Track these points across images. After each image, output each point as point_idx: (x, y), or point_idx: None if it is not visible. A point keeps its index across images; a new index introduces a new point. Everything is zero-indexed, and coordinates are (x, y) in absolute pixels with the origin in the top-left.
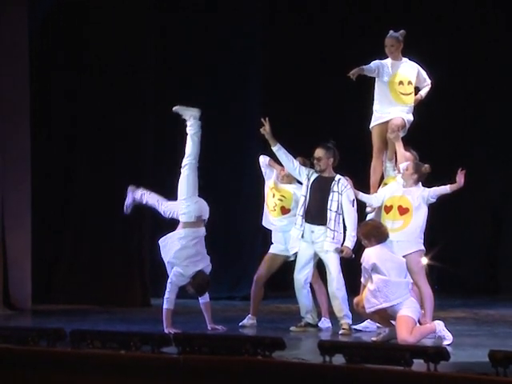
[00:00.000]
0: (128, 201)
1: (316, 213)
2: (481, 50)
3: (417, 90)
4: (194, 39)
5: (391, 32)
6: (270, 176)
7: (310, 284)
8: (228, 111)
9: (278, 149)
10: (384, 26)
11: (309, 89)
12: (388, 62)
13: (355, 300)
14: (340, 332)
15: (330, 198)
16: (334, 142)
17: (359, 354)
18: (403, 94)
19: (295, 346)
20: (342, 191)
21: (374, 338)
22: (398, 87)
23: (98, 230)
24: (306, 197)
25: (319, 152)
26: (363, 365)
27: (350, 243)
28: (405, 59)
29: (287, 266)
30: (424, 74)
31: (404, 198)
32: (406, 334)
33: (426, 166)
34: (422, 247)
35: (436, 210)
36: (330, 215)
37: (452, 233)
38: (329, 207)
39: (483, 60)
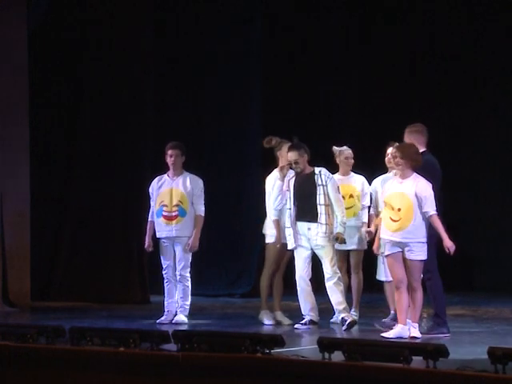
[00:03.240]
0: None
1: (309, 210)
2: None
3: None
4: (194, 39)
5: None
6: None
7: None
8: (229, 111)
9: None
10: (385, 26)
11: (309, 90)
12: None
13: None
14: (344, 328)
15: (317, 192)
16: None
17: (358, 351)
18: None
19: (294, 343)
20: (327, 182)
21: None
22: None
23: (98, 227)
24: (292, 198)
25: (294, 155)
26: (362, 362)
27: (341, 229)
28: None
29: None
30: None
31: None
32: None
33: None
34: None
35: (438, 206)
36: (320, 209)
37: (452, 230)
38: (318, 202)
39: (482, 59)
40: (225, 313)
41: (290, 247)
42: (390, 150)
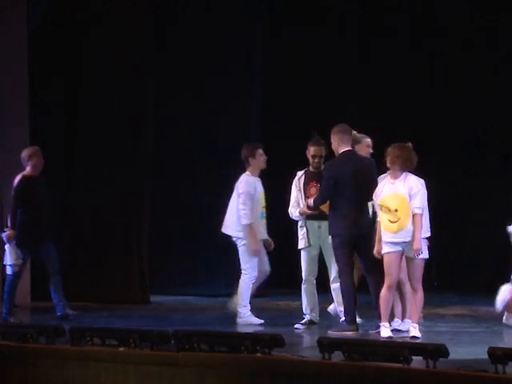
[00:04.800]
0: None
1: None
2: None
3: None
4: (194, 39)
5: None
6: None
7: None
8: (229, 111)
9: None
10: (386, 27)
11: (309, 90)
12: None
13: None
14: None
15: None
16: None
17: (358, 351)
18: None
19: (294, 342)
20: None
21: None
22: None
23: (98, 227)
24: (303, 198)
25: (323, 150)
26: (362, 362)
27: None
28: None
29: (286, 262)
30: None
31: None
32: None
33: None
34: None
35: (438, 206)
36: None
37: (452, 230)
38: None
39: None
40: (225, 313)
41: (301, 246)
42: None
